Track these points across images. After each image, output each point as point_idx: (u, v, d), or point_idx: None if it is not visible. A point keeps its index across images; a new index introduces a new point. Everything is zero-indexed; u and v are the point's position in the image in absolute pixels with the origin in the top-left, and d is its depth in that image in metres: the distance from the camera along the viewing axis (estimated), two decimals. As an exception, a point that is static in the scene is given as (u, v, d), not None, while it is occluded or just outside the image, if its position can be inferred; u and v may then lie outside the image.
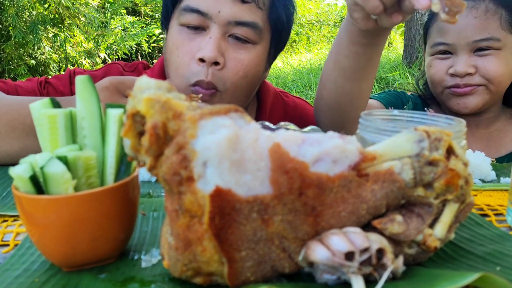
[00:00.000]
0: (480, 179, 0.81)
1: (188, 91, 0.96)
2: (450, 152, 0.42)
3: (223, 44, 0.96)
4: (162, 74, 1.11)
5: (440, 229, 0.42)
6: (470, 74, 1.13)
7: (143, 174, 0.77)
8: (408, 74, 5.58)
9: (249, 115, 1.22)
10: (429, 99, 1.32)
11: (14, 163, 0.51)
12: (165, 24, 1.06)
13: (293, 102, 1.30)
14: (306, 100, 1.37)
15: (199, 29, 0.97)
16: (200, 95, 0.88)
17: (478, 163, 0.81)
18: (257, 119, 1.20)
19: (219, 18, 0.95)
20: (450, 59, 1.16)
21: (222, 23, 0.95)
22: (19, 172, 0.43)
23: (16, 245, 0.54)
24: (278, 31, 1.06)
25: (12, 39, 6.31)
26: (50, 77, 1.14)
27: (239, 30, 0.96)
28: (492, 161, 0.89)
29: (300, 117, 1.28)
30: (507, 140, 1.25)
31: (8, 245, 0.55)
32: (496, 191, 0.75)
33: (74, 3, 6.56)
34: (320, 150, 0.40)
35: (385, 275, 0.39)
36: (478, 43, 1.11)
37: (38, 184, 0.44)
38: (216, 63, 0.95)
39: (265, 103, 1.21)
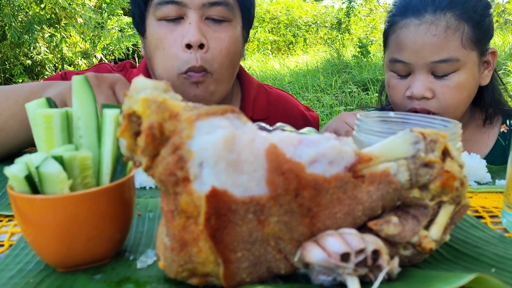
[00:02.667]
0: (475, 181, 0.81)
1: (180, 79, 1.00)
2: (445, 154, 0.42)
3: (203, 27, 1.00)
4: (147, 72, 1.15)
5: (436, 230, 0.43)
6: (427, 98, 1.06)
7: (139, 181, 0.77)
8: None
9: (233, 104, 1.23)
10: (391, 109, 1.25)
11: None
12: (141, 25, 1.08)
13: (276, 93, 1.34)
14: (289, 93, 1.41)
15: (177, 19, 1.00)
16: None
17: (473, 165, 0.81)
18: (241, 108, 1.23)
19: (193, 3, 0.99)
20: (407, 79, 1.09)
21: (197, 7, 0.99)
22: (14, 172, 0.43)
23: (10, 245, 0.54)
24: (247, 9, 1.11)
25: (7, 38, 6.28)
26: (41, 81, 1.15)
27: (214, 11, 1.01)
28: None
29: (284, 106, 1.31)
30: (475, 150, 1.17)
31: (2, 245, 0.55)
32: (491, 193, 0.75)
33: (71, 3, 6.53)
34: (317, 151, 0.40)
35: (381, 276, 0.39)
36: (436, 64, 1.03)
37: (33, 184, 0.43)
38: (201, 46, 0.99)
39: (248, 94, 1.25)
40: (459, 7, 1.04)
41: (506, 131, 1.21)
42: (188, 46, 0.98)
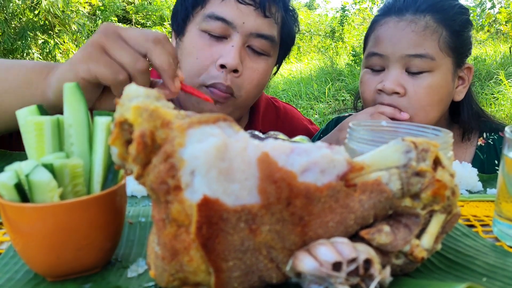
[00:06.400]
0: (466, 190, 0.81)
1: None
2: (437, 163, 0.43)
3: (242, 53, 1.00)
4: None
5: (427, 239, 0.43)
6: (398, 93, 1.05)
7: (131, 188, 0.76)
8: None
9: (243, 118, 1.23)
10: None
11: None
12: (181, 27, 1.07)
13: (283, 107, 1.35)
14: (293, 106, 1.44)
15: (220, 37, 1.00)
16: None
17: (464, 173, 0.82)
18: (250, 122, 1.24)
19: (243, 29, 0.99)
20: (381, 75, 1.09)
21: (244, 33, 0.99)
22: (4, 180, 0.42)
23: (-1, 254, 0.54)
24: (287, 46, 1.13)
25: (1, 45, 6.26)
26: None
27: (258, 42, 1.01)
28: None
29: (291, 121, 1.33)
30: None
31: (-9, 254, 0.54)
32: (482, 202, 0.76)
33: (65, 10, 6.53)
34: (308, 160, 0.40)
35: (372, 285, 0.39)
36: (411, 58, 1.04)
37: (23, 192, 0.43)
38: (236, 71, 0.98)
39: (258, 108, 1.25)
40: (438, 12, 1.06)
41: (483, 144, 1.21)
42: (222, 66, 0.97)
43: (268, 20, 1.01)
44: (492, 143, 1.21)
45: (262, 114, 1.25)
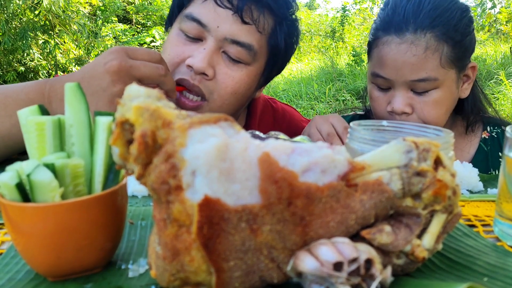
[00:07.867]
0: (467, 190, 0.81)
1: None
2: (438, 163, 0.43)
3: (215, 58, 0.97)
4: None
5: (428, 239, 0.43)
6: (407, 113, 1.10)
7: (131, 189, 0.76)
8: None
9: (239, 121, 1.21)
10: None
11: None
12: (168, 24, 1.08)
13: (281, 109, 1.32)
14: (293, 107, 1.40)
15: (195, 39, 0.99)
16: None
17: (465, 174, 0.82)
18: (247, 125, 1.22)
19: (216, 33, 0.96)
20: (388, 93, 1.12)
21: (218, 38, 0.97)
22: (5, 180, 0.42)
23: (0, 254, 0.54)
24: (275, 57, 1.07)
25: (1, 45, 6.26)
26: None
27: (233, 49, 0.98)
28: None
29: (289, 123, 1.30)
30: (458, 157, 1.21)
31: (-8, 254, 0.54)
32: (483, 202, 0.76)
33: (65, 10, 6.53)
34: (309, 160, 0.40)
35: (374, 285, 0.39)
36: (415, 83, 1.07)
37: (24, 192, 0.43)
38: (204, 74, 0.96)
39: (254, 110, 1.23)
40: (440, 26, 1.05)
41: (487, 137, 1.24)
42: (190, 67, 0.96)
43: (247, 27, 0.97)
44: (496, 136, 1.23)
45: (259, 117, 1.23)
